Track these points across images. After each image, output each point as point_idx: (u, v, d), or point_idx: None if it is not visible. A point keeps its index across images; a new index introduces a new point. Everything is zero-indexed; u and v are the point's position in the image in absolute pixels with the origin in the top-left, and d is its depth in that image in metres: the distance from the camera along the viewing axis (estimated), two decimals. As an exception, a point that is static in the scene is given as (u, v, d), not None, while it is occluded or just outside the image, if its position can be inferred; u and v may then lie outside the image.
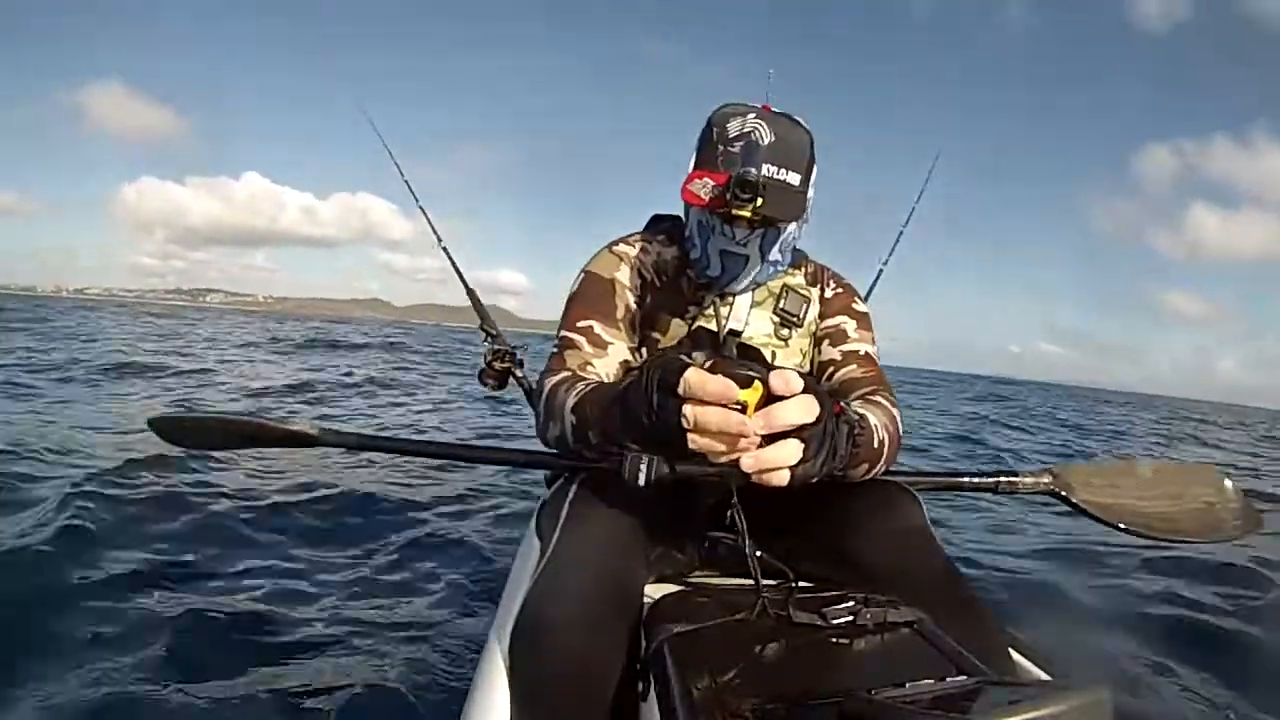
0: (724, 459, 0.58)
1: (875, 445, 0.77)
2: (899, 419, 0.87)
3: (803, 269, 1.03)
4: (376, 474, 3.17)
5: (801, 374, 0.58)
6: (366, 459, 3.30)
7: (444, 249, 1.96)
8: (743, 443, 0.56)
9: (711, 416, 0.56)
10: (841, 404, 0.70)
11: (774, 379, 0.56)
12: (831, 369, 0.97)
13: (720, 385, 0.55)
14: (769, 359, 0.97)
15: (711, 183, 0.82)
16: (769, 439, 0.57)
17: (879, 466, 0.81)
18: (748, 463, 0.57)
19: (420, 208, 1.99)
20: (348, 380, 7.58)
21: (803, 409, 0.56)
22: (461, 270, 1.91)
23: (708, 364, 0.58)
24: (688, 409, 0.56)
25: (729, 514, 0.76)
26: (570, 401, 0.78)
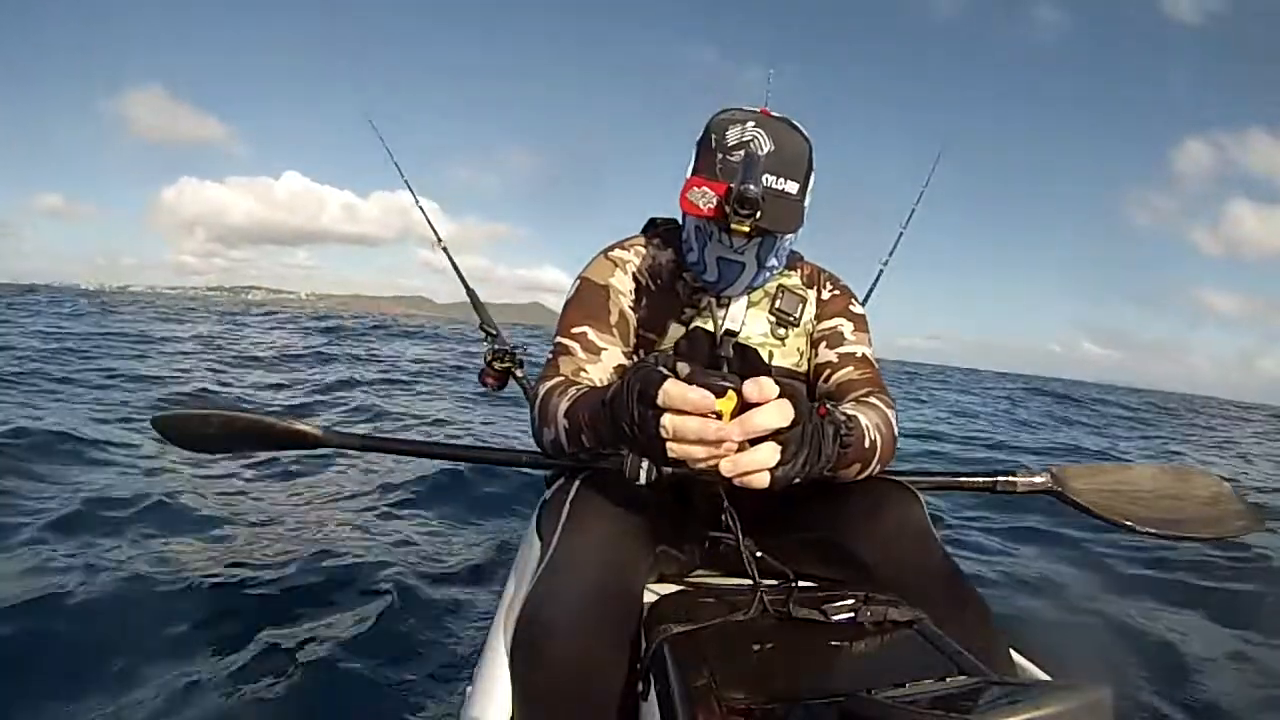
0: (703, 465, 0.60)
1: (866, 445, 0.78)
2: (894, 420, 0.88)
3: (799, 270, 1.03)
4: (376, 474, 3.17)
5: (779, 380, 0.59)
6: (366, 458, 3.29)
7: (444, 248, 1.96)
8: (723, 448, 0.58)
9: (689, 425, 0.58)
10: (827, 406, 0.71)
11: (748, 386, 0.58)
12: (828, 371, 0.98)
13: (697, 396, 0.57)
14: (766, 359, 0.97)
15: (710, 192, 0.80)
16: (751, 443, 0.59)
17: (872, 466, 0.81)
18: (726, 467, 0.59)
19: (419, 206, 2.00)
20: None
21: (778, 414, 0.58)
22: (461, 270, 1.91)
23: (685, 374, 0.60)
24: (666, 419, 0.58)
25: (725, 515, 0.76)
26: (563, 406, 0.79)
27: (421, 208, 1.99)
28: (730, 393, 0.58)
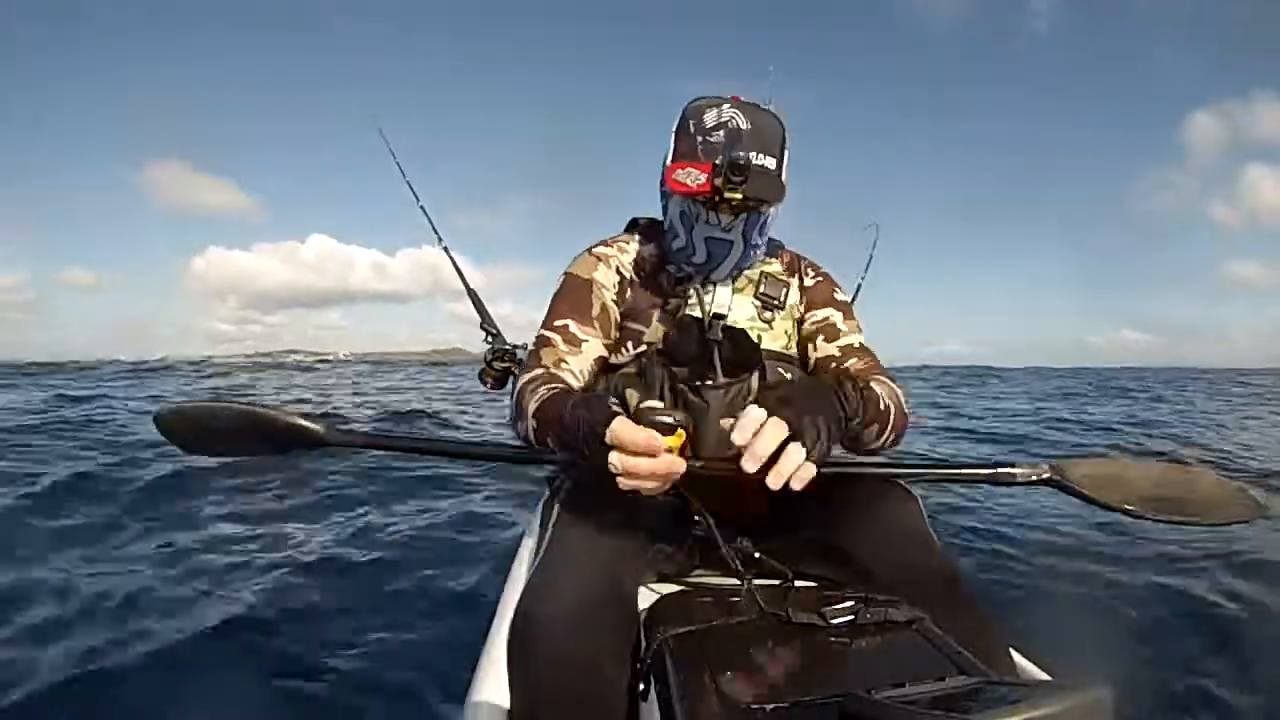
0: (654, 492, 0.62)
1: (881, 407, 0.83)
2: (901, 395, 0.92)
3: (779, 258, 1.06)
4: (379, 472, 3.17)
5: (763, 396, 0.64)
6: (370, 456, 3.29)
7: (444, 248, 1.95)
8: (748, 465, 0.61)
9: (640, 466, 0.59)
10: (837, 379, 0.78)
11: (735, 435, 0.63)
12: (833, 365, 1.00)
13: (645, 437, 0.58)
14: (755, 341, 0.99)
15: (696, 171, 0.85)
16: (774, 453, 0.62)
17: (887, 432, 0.85)
18: (773, 481, 0.62)
19: (421, 207, 1.99)
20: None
21: (775, 432, 0.62)
22: (462, 269, 1.91)
23: (635, 405, 0.61)
24: (614, 457, 0.60)
25: (716, 516, 0.76)
26: (532, 406, 0.79)
27: (423, 207, 1.98)
28: (679, 431, 0.59)
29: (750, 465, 0.62)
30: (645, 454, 0.58)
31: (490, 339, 1.73)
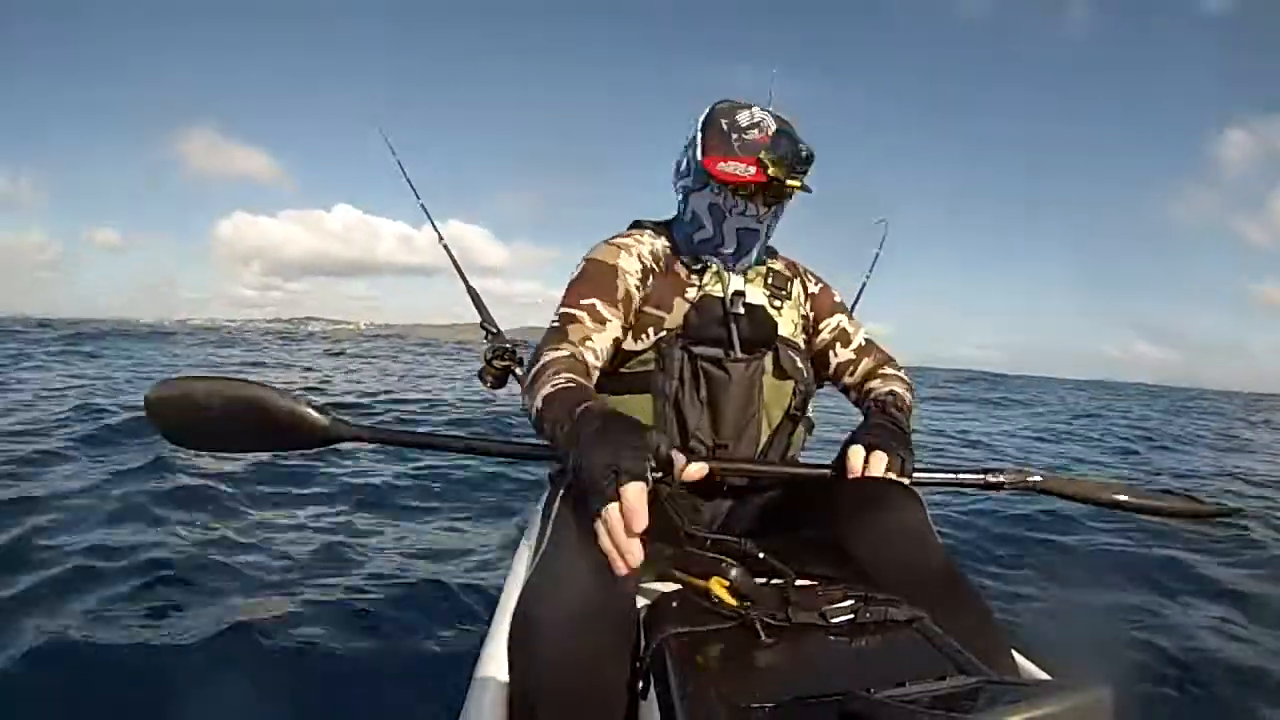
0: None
1: (906, 407, 1.04)
2: (905, 377, 1.13)
3: (778, 260, 1.13)
4: (381, 468, 3.17)
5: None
6: (371, 451, 3.29)
7: (444, 246, 1.95)
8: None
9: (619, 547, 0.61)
10: (879, 404, 1.02)
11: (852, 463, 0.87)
12: (852, 367, 1.14)
13: (634, 523, 0.59)
14: (773, 321, 1.06)
15: (741, 165, 0.93)
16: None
17: (912, 416, 1.06)
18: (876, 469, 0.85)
19: (421, 206, 1.99)
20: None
21: (881, 465, 0.85)
22: (462, 268, 1.91)
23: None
24: (600, 527, 0.61)
25: (717, 513, 0.74)
26: (544, 390, 0.78)
27: (424, 205, 1.98)
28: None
29: (855, 472, 0.85)
30: (626, 535, 0.59)
31: (489, 337, 1.72)
